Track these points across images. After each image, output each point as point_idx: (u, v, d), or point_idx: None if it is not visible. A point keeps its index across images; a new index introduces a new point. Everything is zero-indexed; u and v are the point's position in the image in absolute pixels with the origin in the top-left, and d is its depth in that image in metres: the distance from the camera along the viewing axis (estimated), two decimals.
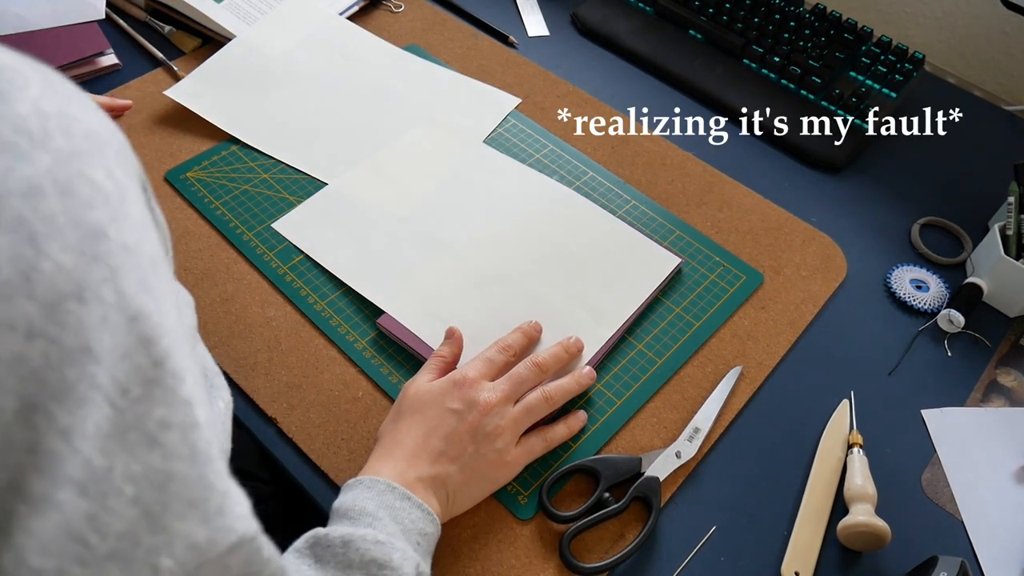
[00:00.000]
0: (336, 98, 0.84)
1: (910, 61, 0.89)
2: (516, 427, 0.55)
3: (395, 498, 0.48)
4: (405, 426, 0.53)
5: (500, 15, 0.98)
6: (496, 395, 0.54)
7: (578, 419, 0.59)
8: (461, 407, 0.53)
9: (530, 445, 0.56)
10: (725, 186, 0.79)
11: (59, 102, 0.24)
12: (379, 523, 0.45)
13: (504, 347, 0.59)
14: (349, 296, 0.67)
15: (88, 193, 0.23)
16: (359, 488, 0.48)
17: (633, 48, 0.93)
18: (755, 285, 0.71)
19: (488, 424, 0.53)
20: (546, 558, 0.54)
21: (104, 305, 0.22)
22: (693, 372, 0.65)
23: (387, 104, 0.83)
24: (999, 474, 0.61)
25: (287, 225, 0.72)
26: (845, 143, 0.83)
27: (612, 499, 0.56)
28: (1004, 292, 0.70)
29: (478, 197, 0.75)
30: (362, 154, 0.78)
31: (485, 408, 0.53)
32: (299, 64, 0.86)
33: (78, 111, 0.25)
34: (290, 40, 0.88)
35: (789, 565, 0.55)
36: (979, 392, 0.66)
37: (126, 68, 0.86)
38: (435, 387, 0.55)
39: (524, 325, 0.62)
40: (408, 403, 0.55)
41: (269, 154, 0.78)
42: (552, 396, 0.57)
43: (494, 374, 0.57)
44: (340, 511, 0.47)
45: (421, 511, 0.48)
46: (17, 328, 0.20)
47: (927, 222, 0.79)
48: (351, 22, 0.92)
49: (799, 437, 0.62)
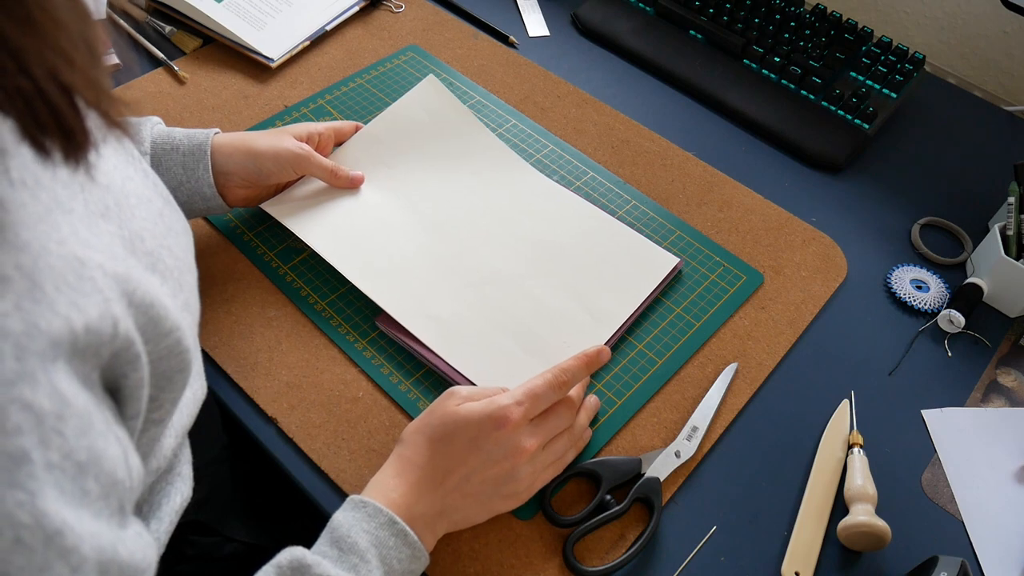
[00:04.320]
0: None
1: (910, 61, 0.89)
2: (545, 473, 0.54)
3: (390, 535, 0.47)
4: (429, 451, 0.51)
5: (500, 15, 0.98)
6: (534, 443, 0.52)
7: (584, 440, 0.58)
8: (495, 451, 0.50)
9: (541, 480, 0.55)
10: (725, 186, 0.79)
11: (25, 318, 0.25)
12: (364, 566, 0.45)
13: (558, 385, 0.53)
14: (349, 296, 0.67)
15: (18, 420, 0.24)
16: (361, 513, 0.48)
17: (633, 48, 0.93)
18: (755, 285, 0.71)
19: (520, 472, 0.51)
20: (546, 558, 0.54)
21: (20, 528, 0.24)
22: (693, 372, 0.65)
23: (532, 251, 0.70)
24: (999, 474, 0.61)
25: (276, 207, 0.70)
26: (845, 143, 0.83)
27: (614, 501, 0.56)
28: (1004, 292, 0.70)
29: (478, 197, 0.74)
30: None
31: (520, 455, 0.51)
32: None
33: (50, 320, 0.25)
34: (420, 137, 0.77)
35: (789, 565, 0.55)
36: (979, 392, 0.66)
37: (126, 68, 0.86)
38: (473, 416, 0.51)
39: (590, 350, 0.56)
40: (441, 423, 0.51)
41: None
42: (577, 440, 0.57)
43: (538, 411, 0.53)
44: (335, 534, 0.47)
45: (412, 550, 0.48)
46: None
47: (927, 222, 0.79)
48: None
49: (799, 437, 0.62)
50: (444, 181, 0.75)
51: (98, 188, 0.37)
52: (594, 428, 0.61)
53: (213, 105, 0.83)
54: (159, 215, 0.43)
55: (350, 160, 0.74)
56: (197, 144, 0.63)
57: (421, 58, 0.90)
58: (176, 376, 0.39)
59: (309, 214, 0.70)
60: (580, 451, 0.58)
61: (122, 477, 0.32)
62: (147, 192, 0.43)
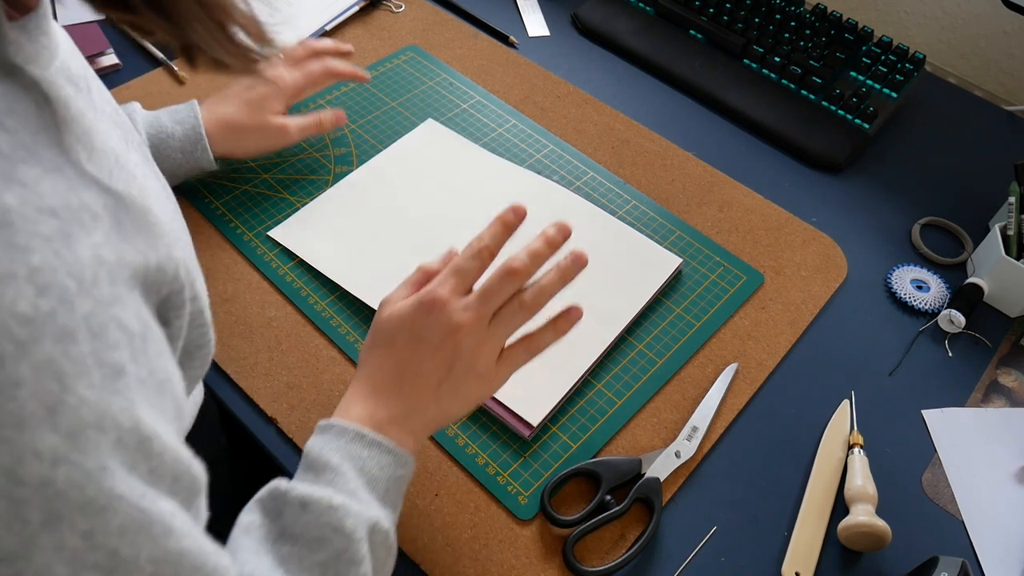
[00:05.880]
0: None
1: (911, 61, 0.89)
2: (494, 344, 0.50)
3: (362, 447, 0.47)
4: (376, 359, 0.50)
5: (500, 15, 0.98)
6: (468, 315, 0.49)
7: (567, 319, 0.51)
8: (434, 337, 0.49)
9: (512, 358, 0.51)
10: (725, 186, 0.79)
11: (117, 247, 0.28)
12: (341, 479, 0.45)
13: (476, 251, 0.50)
14: (349, 296, 0.67)
15: (116, 336, 0.27)
16: (329, 435, 0.47)
17: (633, 48, 0.93)
18: (755, 285, 0.71)
19: (464, 348, 0.49)
20: (546, 559, 0.54)
21: (121, 431, 0.26)
22: (693, 372, 0.65)
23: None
24: (1000, 474, 0.61)
25: (283, 232, 0.71)
26: (845, 143, 0.83)
27: (614, 502, 0.56)
28: (1005, 292, 0.70)
29: (476, 200, 0.74)
30: None
31: (458, 329, 0.48)
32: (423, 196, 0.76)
33: (132, 254, 0.29)
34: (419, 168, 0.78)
35: (790, 565, 0.55)
36: (980, 392, 0.66)
37: (126, 68, 0.86)
38: (404, 311, 0.50)
39: (502, 211, 0.52)
40: (380, 330, 0.51)
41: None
42: (529, 303, 0.50)
43: (467, 286, 0.50)
44: (308, 459, 0.47)
45: (391, 456, 0.47)
46: (43, 456, 0.24)
47: (928, 222, 0.78)
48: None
49: (799, 437, 0.62)
50: (444, 193, 0.75)
51: (136, 183, 0.38)
52: (594, 428, 0.61)
53: None
54: (175, 212, 0.45)
55: (351, 190, 0.75)
56: (190, 127, 0.68)
57: (421, 58, 0.90)
58: (196, 353, 0.41)
59: (312, 236, 0.71)
60: (562, 333, 0.51)
61: (182, 406, 0.34)
62: (164, 191, 0.45)
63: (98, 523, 0.26)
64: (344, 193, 0.75)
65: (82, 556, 0.26)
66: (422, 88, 0.86)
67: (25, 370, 0.24)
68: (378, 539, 0.45)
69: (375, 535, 0.44)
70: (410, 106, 0.84)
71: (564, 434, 0.60)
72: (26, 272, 0.25)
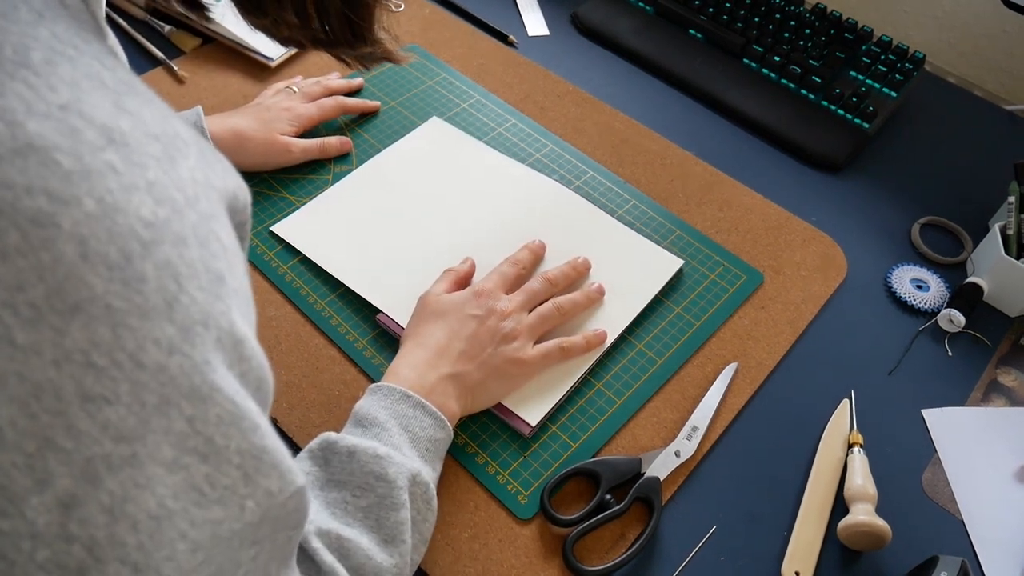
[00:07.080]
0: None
1: (910, 61, 0.89)
2: (531, 332, 0.61)
3: (408, 407, 0.53)
4: (427, 329, 0.59)
5: (500, 15, 0.98)
6: (512, 304, 0.61)
7: (597, 336, 0.63)
8: (481, 313, 0.59)
9: (547, 348, 0.61)
10: (725, 186, 0.79)
11: (206, 171, 0.31)
12: (386, 434, 0.50)
13: (514, 261, 0.65)
14: (349, 296, 0.67)
15: (216, 247, 0.30)
16: (377, 395, 0.53)
17: (633, 48, 0.93)
18: (755, 285, 0.71)
19: (505, 327, 0.59)
20: (546, 558, 0.54)
21: (221, 331, 0.29)
22: (693, 372, 0.65)
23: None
24: (999, 474, 0.61)
25: (286, 228, 0.72)
26: (845, 142, 0.83)
27: (613, 501, 0.56)
28: (1004, 292, 0.70)
29: (478, 198, 0.74)
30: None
31: (502, 314, 0.60)
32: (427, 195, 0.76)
33: (217, 179, 0.32)
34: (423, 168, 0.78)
35: (789, 565, 0.55)
36: (979, 392, 0.66)
37: None
38: (456, 296, 0.61)
39: (530, 243, 0.68)
40: (430, 310, 0.60)
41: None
42: (563, 306, 0.63)
43: (508, 287, 0.63)
44: (357, 416, 0.53)
45: (432, 419, 0.53)
46: (161, 344, 0.27)
47: (927, 222, 0.79)
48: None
49: (799, 437, 0.62)
50: (448, 190, 0.75)
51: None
52: (594, 428, 0.61)
53: (212, 104, 0.83)
54: None
55: (355, 187, 0.75)
56: (193, 126, 0.68)
57: (421, 58, 0.90)
58: None
59: (315, 232, 0.71)
60: (592, 346, 0.63)
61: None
62: None
63: (200, 411, 0.28)
64: (348, 190, 0.75)
65: (184, 440, 0.28)
66: (422, 87, 0.86)
67: (149, 268, 0.27)
68: (418, 491, 0.49)
69: (415, 486, 0.49)
70: (410, 105, 0.84)
71: (564, 433, 0.60)
72: (145, 184, 0.27)
